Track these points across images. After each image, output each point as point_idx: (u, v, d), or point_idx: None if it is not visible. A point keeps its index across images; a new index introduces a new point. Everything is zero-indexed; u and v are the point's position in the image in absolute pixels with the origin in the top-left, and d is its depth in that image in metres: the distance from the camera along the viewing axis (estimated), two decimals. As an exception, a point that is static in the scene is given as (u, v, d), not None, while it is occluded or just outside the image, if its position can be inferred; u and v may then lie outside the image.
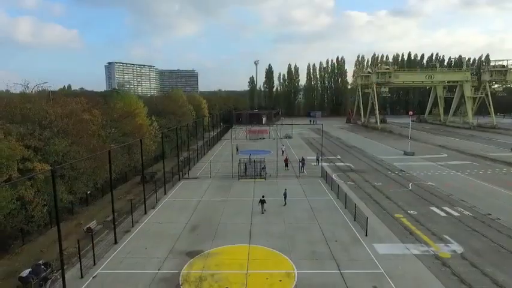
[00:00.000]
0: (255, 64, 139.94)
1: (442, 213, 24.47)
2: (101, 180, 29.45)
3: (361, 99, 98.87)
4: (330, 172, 37.70)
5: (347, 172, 38.43)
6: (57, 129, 24.07)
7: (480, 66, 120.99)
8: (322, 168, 36.58)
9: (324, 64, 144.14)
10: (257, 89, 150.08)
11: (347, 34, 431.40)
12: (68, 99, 28.67)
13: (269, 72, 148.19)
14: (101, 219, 24.31)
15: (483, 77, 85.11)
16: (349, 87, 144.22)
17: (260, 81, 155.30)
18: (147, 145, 40.66)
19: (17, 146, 20.06)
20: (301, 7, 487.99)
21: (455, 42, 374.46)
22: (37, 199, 20.19)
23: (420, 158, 45.76)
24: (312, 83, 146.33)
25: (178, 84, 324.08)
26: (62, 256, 14.70)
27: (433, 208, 25.50)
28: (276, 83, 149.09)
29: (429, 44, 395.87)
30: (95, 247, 19.13)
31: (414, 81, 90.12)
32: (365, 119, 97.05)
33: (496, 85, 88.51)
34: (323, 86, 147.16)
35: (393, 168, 40.20)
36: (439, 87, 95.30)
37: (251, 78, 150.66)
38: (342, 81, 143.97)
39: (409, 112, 52.68)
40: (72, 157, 24.75)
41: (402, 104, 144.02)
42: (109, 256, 18.66)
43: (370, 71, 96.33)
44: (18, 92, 40.45)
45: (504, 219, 23.11)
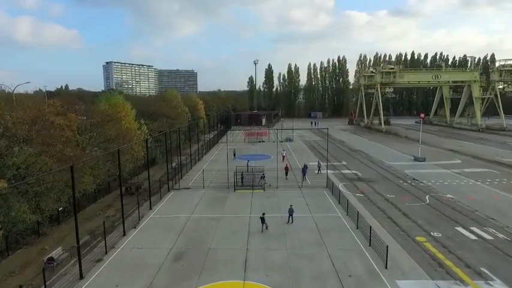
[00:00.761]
0: (254, 64, 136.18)
1: (472, 235, 20.89)
2: (78, 193, 25.94)
3: (364, 99, 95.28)
4: (336, 181, 34.17)
5: (354, 181, 34.85)
6: (16, 137, 20.42)
7: (485, 66, 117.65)
8: (327, 177, 32.94)
9: (325, 64, 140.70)
10: (256, 89, 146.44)
11: (347, 34, 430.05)
12: (38, 101, 24.98)
13: (269, 72, 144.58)
14: (72, 243, 20.68)
15: (492, 77, 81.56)
16: (350, 87, 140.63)
17: (260, 81, 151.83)
18: (136, 151, 37.22)
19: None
20: (301, 7, 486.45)
21: (455, 42, 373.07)
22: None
23: (432, 165, 42.18)
24: (313, 83, 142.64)
25: (177, 84, 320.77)
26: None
27: (460, 229, 21.91)
28: (276, 83, 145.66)
29: (429, 44, 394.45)
30: (56, 283, 15.60)
31: (420, 81, 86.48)
32: (368, 121, 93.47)
33: (505, 85, 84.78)
34: (324, 86, 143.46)
35: (404, 176, 36.64)
36: (445, 87, 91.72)
37: (250, 78, 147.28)
38: (343, 81, 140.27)
39: (421, 114, 49.11)
40: (38, 169, 21.19)
41: (405, 105, 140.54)
42: (70, 297, 15.10)
43: (373, 71, 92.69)
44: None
45: (546, 244, 19.58)
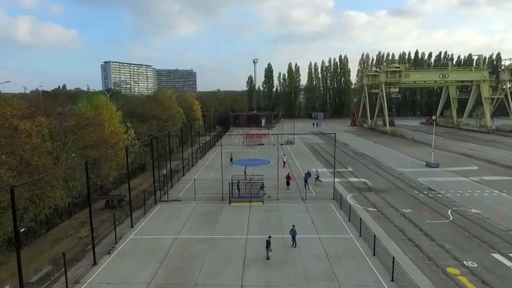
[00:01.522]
0: (254, 63, 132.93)
1: (514, 265, 17.34)
2: (47, 209, 22.38)
3: (367, 100, 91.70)
4: (343, 192, 30.63)
5: (364, 191, 31.27)
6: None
7: (491, 65, 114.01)
8: (334, 187, 29.32)
9: (326, 63, 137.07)
10: (256, 89, 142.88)
11: (347, 34, 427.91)
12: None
13: (268, 71, 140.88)
14: (30, 274, 17.08)
15: (502, 76, 77.96)
16: (352, 87, 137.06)
17: (259, 81, 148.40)
18: (121, 158, 33.67)
19: None
20: (301, 7, 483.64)
21: (454, 42, 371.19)
22: None
23: (447, 172, 38.63)
24: (314, 83, 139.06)
25: (176, 84, 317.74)
26: None
27: (497, 256, 18.34)
28: (276, 83, 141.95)
29: (429, 44, 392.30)
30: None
31: (426, 81, 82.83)
32: (372, 122, 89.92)
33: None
34: (325, 86, 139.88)
35: (418, 185, 33.09)
36: (452, 87, 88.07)
37: (249, 77, 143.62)
38: (345, 81, 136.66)
39: (432, 117, 45.48)
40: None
41: (409, 105, 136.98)
42: None
43: (377, 70, 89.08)
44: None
45: None
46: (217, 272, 16.88)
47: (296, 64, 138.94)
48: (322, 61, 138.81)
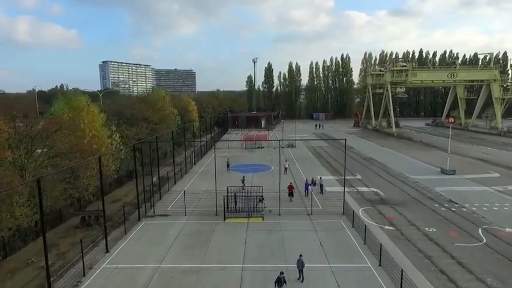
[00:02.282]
0: (254, 62, 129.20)
1: None
2: (5, 231, 18.84)
3: (371, 100, 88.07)
4: (354, 204, 27.11)
5: (377, 204, 27.67)
6: None
7: (499, 64, 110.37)
8: (344, 201, 25.70)
9: (328, 62, 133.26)
10: (256, 89, 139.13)
11: (347, 34, 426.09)
12: None
13: (268, 70, 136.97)
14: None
15: (513, 76, 74.39)
16: (355, 87, 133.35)
17: (259, 80, 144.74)
18: (104, 166, 30.13)
19: None
20: (301, 7, 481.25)
21: (454, 42, 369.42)
22: None
23: (466, 180, 35.04)
24: (315, 83, 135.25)
25: (175, 84, 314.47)
26: None
27: (554, 295, 14.78)
28: (276, 83, 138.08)
29: (429, 44, 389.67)
30: None
31: (434, 80, 79.08)
32: (376, 123, 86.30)
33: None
34: (326, 86, 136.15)
35: (437, 196, 29.51)
36: (460, 87, 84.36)
37: (249, 77, 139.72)
38: (347, 80, 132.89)
39: (449, 119, 41.71)
40: None
41: (412, 106, 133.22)
42: None
43: (382, 69, 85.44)
44: None
45: None
46: (204, 321, 13.32)
47: (297, 63, 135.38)
48: (323, 60, 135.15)
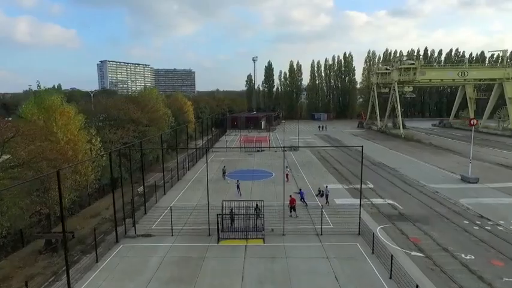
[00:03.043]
0: (253, 60, 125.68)
1: None
2: None
3: (376, 100, 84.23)
4: (370, 221, 23.32)
5: (396, 221, 23.80)
6: None
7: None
8: (360, 218, 21.79)
9: (330, 61, 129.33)
10: (255, 89, 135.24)
11: (347, 34, 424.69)
12: None
13: (269, 69, 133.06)
14: None
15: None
16: (358, 86, 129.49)
17: (259, 80, 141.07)
18: (82, 174, 26.40)
19: None
20: (300, 7, 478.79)
21: (454, 42, 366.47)
22: None
23: (492, 189, 31.17)
24: (316, 82, 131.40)
25: (174, 84, 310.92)
26: None
27: None
28: (277, 82, 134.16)
29: (428, 44, 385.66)
30: None
31: (443, 79, 75.15)
32: (382, 124, 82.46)
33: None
34: (328, 85, 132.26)
35: (464, 210, 25.65)
36: (470, 86, 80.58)
37: (249, 76, 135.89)
38: (350, 80, 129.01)
39: (471, 120, 37.85)
40: None
41: (417, 106, 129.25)
42: None
43: (388, 68, 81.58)
44: None
45: None
46: None
47: (298, 62, 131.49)
48: (325, 59, 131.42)
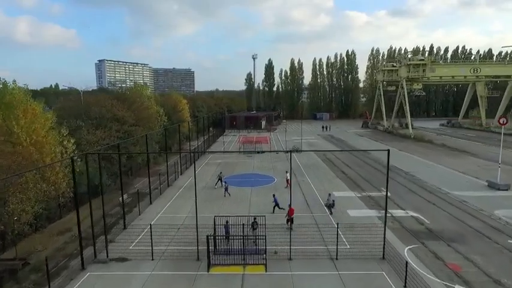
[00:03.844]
0: (253, 58, 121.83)
1: None
2: None
3: (382, 98, 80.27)
4: (393, 239, 19.32)
5: (426, 240, 19.76)
6: None
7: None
8: (384, 239, 17.75)
9: (332, 59, 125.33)
10: (255, 88, 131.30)
11: (346, 34, 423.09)
12: None
13: (269, 68, 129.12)
14: None
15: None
16: (361, 85, 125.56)
17: (259, 79, 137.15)
18: (54, 183, 22.60)
19: None
20: (300, 7, 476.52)
21: (454, 42, 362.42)
22: None
23: (527, 198, 27.21)
24: (318, 81, 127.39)
25: (173, 83, 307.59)
26: None
27: None
28: (277, 81, 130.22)
29: (429, 44, 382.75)
30: None
31: (455, 76, 70.96)
32: (388, 124, 78.50)
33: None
34: (330, 84, 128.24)
35: (504, 226, 21.65)
36: (481, 84, 76.53)
37: (248, 75, 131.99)
38: (353, 78, 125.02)
39: (501, 119, 33.92)
40: None
41: (423, 105, 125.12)
42: None
43: (395, 64, 77.61)
44: None
45: None
46: None
47: (299, 60, 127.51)
48: (327, 57, 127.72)
